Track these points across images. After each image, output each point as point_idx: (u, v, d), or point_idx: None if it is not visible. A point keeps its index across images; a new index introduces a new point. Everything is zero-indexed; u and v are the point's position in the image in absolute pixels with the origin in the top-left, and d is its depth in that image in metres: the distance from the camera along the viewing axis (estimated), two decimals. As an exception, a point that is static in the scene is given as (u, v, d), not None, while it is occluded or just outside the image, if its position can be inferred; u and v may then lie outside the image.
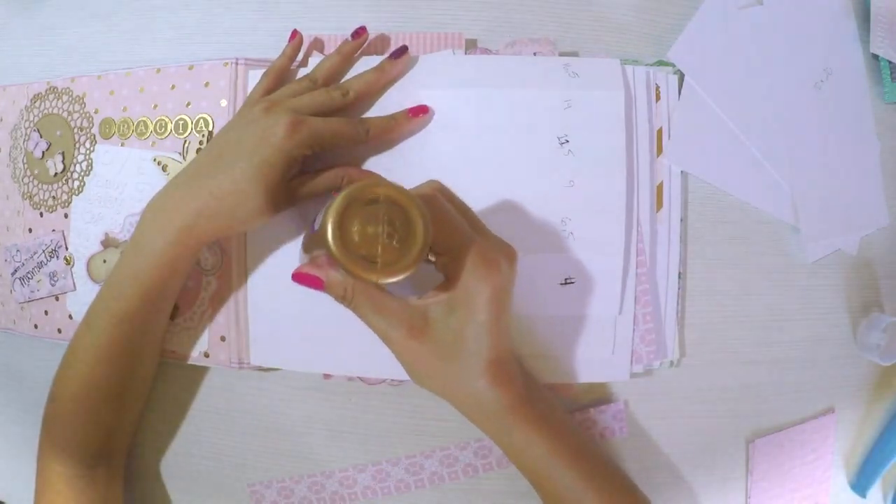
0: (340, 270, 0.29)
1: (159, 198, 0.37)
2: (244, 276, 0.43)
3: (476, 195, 0.40)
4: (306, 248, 0.34)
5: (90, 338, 0.38)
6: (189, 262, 0.38)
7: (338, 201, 0.26)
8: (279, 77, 0.41)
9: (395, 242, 0.27)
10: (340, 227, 0.26)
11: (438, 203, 0.31)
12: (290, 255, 0.42)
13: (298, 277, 0.32)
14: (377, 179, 0.27)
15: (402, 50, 0.40)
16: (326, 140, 0.37)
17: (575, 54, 0.44)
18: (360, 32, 0.41)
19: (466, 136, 0.41)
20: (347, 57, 0.41)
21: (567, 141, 0.40)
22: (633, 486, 0.38)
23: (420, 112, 0.40)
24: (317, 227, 0.28)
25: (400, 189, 0.27)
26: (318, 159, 0.39)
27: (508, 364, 0.33)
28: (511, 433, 0.33)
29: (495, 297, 0.30)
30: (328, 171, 0.39)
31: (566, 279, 0.40)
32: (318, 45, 0.44)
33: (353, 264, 0.26)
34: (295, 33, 0.42)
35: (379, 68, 0.40)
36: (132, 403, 0.42)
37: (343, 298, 0.31)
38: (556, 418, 0.34)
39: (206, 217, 0.36)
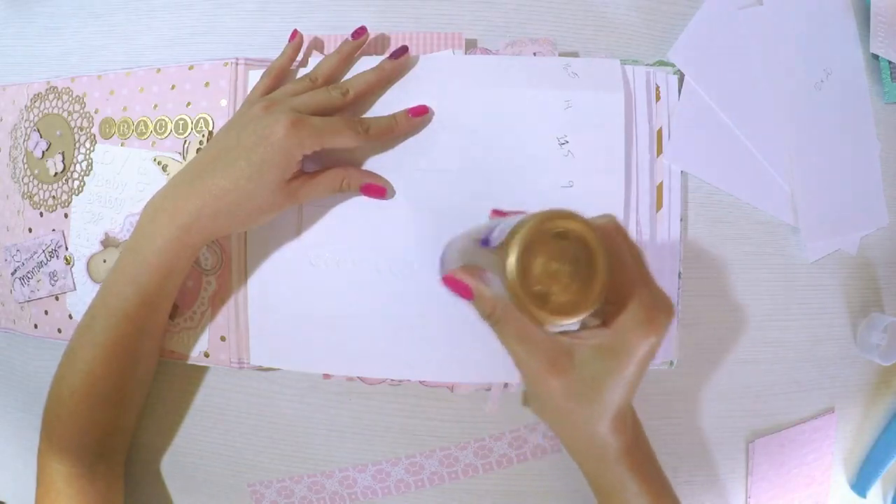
0: (493, 287, 0.27)
1: (159, 197, 0.37)
2: (244, 276, 0.43)
3: (475, 195, 0.41)
4: (465, 253, 0.31)
5: (89, 337, 0.38)
6: (188, 261, 0.38)
7: (529, 228, 0.24)
8: (279, 77, 0.41)
9: (574, 284, 0.25)
10: (524, 260, 0.24)
11: (615, 242, 0.29)
12: (290, 255, 0.42)
13: (449, 282, 0.30)
14: (568, 212, 0.25)
15: (403, 50, 0.40)
16: (326, 139, 0.37)
17: (575, 54, 0.44)
18: (360, 32, 0.41)
19: (466, 136, 0.41)
20: (347, 57, 0.41)
21: (567, 142, 0.40)
22: None
23: (420, 112, 0.40)
24: (492, 242, 0.26)
25: (591, 228, 0.25)
26: (317, 159, 0.39)
27: (628, 412, 0.32)
28: (608, 475, 0.32)
29: (649, 354, 0.29)
30: (328, 171, 0.39)
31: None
32: (318, 44, 0.44)
33: (528, 299, 0.24)
34: (295, 33, 0.42)
35: (379, 68, 0.40)
36: (132, 402, 0.42)
37: (489, 317, 0.29)
38: (652, 464, 0.34)
39: (206, 216, 0.36)
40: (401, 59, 0.40)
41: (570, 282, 0.24)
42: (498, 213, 0.35)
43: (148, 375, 0.43)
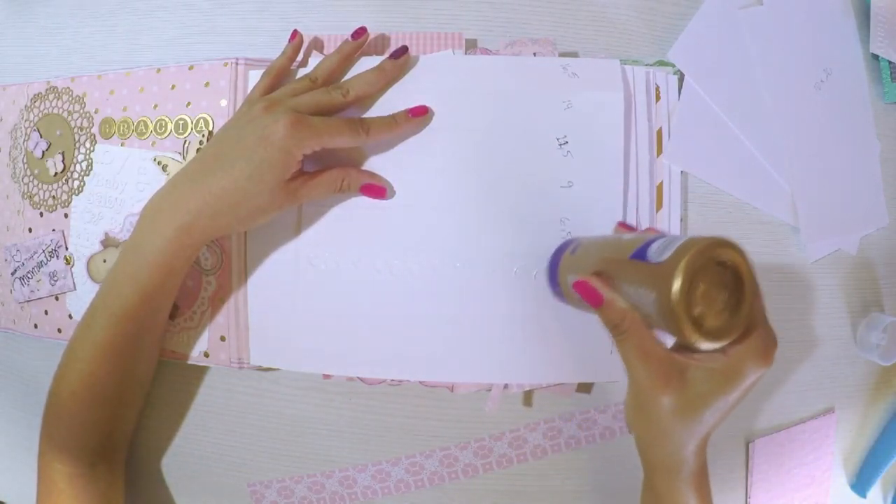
0: (626, 299, 0.29)
1: (159, 197, 0.37)
2: (244, 276, 0.43)
3: (475, 196, 0.41)
4: (608, 263, 0.32)
5: (89, 337, 0.38)
6: (188, 261, 0.38)
7: (699, 252, 0.25)
8: (279, 76, 0.41)
9: (725, 311, 0.26)
10: (691, 279, 0.25)
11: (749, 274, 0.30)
12: (290, 254, 0.42)
13: (582, 286, 0.31)
14: (733, 242, 0.26)
15: (402, 50, 0.40)
16: (326, 139, 0.37)
17: (575, 54, 0.44)
18: (360, 32, 0.41)
19: (466, 136, 0.41)
20: (347, 57, 0.41)
21: (566, 142, 0.40)
22: None
23: (420, 112, 0.40)
24: (650, 257, 0.27)
25: (748, 260, 0.26)
26: (318, 159, 0.39)
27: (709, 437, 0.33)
28: (677, 494, 0.33)
29: (754, 384, 0.30)
30: (328, 171, 0.39)
31: (566, 279, 0.40)
32: (318, 44, 0.44)
33: (686, 319, 0.25)
34: (295, 33, 0.42)
35: (379, 68, 0.40)
36: (132, 402, 0.42)
37: (615, 328, 0.30)
38: (709, 489, 0.35)
39: (206, 216, 0.36)
40: (401, 59, 0.40)
41: (722, 308, 0.26)
42: (624, 226, 0.36)
43: (148, 375, 0.43)
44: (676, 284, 0.25)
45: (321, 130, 0.36)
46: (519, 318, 0.41)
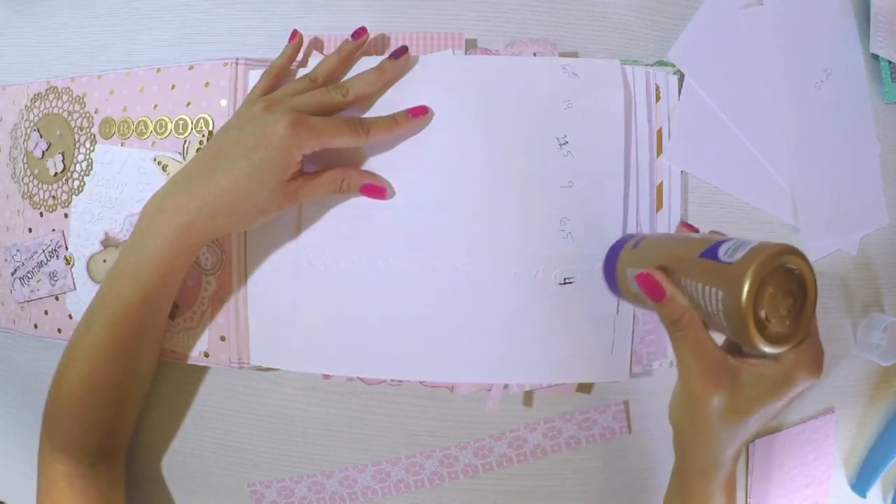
0: (687, 296, 0.29)
1: (158, 197, 0.37)
2: (244, 276, 0.43)
3: (475, 196, 0.41)
4: (674, 259, 0.32)
5: (89, 336, 0.38)
6: (188, 261, 0.38)
7: (767, 258, 0.25)
8: (279, 76, 0.41)
9: (789, 317, 0.27)
10: (761, 281, 0.26)
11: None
12: (290, 254, 0.42)
13: (645, 279, 0.31)
14: (800, 251, 0.27)
15: (402, 50, 0.40)
16: (326, 139, 0.37)
17: (575, 54, 0.44)
18: (360, 33, 0.41)
19: (466, 136, 0.41)
20: (347, 57, 0.41)
21: (566, 142, 0.40)
22: None
23: (420, 113, 0.40)
24: (721, 257, 0.27)
25: (811, 267, 0.27)
26: (318, 159, 0.39)
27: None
28: (708, 496, 0.34)
29: (801, 393, 0.30)
30: (328, 171, 0.39)
31: (565, 279, 0.40)
32: (317, 44, 0.44)
33: (752, 325, 0.26)
34: (295, 33, 0.42)
35: (379, 68, 0.40)
36: (131, 402, 0.42)
37: (674, 323, 0.30)
38: (734, 490, 0.35)
39: (206, 216, 0.36)
40: (401, 59, 0.40)
41: (785, 315, 0.27)
42: (687, 226, 0.36)
43: (148, 375, 0.43)
44: (747, 285, 0.25)
45: (321, 130, 0.36)
46: (519, 319, 0.41)
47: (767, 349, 0.26)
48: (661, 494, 0.44)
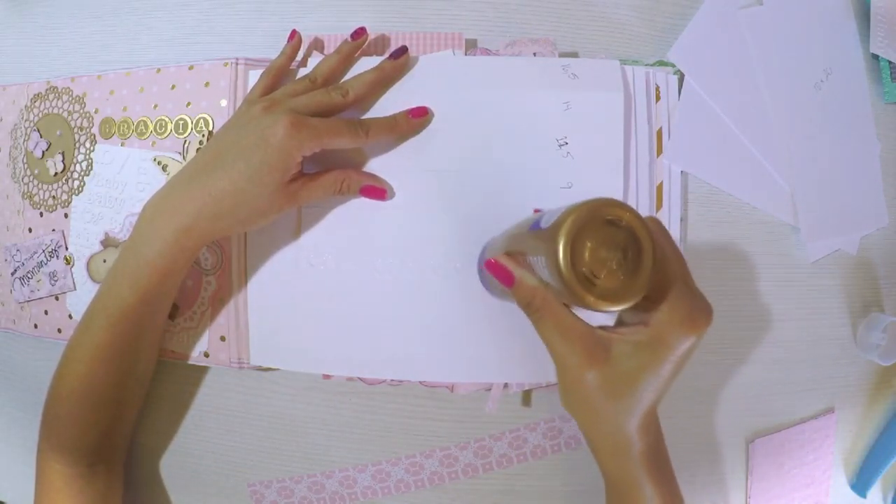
0: (537, 276, 0.28)
1: (157, 198, 0.37)
2: (244, 276, 0.43)
3: (474, 197, 0.41)
4: (510, 240, 0.32)
5: (88, 337, 0.38)
6: (188, 262, 0.38)
7: (582, 211, 0.25)
8: (278, 76, 0.41)
9: (620, 272, 0.25)
10: (574, 241, 0.24)
11: (657, 241, 0.29)
12: (290, 255, 0.42)
13: (492, 266, 0.30)
14: (621, 202, 0.25)
15: (402, 50, 0.40)
16: (326, 140, 0.37)
17: (575, 54, 0.44)
18: (359, 33, 0.41)
19: (466, 137, 0.41)
20: (347, 57, 0.41)
21: (566, 143, 0.40)
22: None
23: (420, 114, 0.40)
24: (543, 225, 0.26)
25: (641, 219, 0.25)
26: (317, 160, 0.39)
27: (654, 415, 0.32)
28: (624, 474, 0.33)
29: (687, 354, 0.29)
30: (328, 173, 0.39)
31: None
32: (317, 45, 0.44)
33: (575, 280, 0.24)
34: (294, 33, 0.42)
35: (379, 69, 0.40)
36: (130, 403, 0.42)
37: (528, 305, 0.29)
38: (668, 471, 0.34)
39: (205, 218, 0.36)
40: (401, 60, 0.40)
41: (616, 270, 0.25)
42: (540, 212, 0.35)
43: (147, 375, 0.43)
44: (560, 243, 0.24)
45: (321, 131, 0.36)
46: (519, 318, 0.41)
47: (606, 307, 0.25)
48: (661, 494, 0.44)
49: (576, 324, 0.29)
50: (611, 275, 0.25)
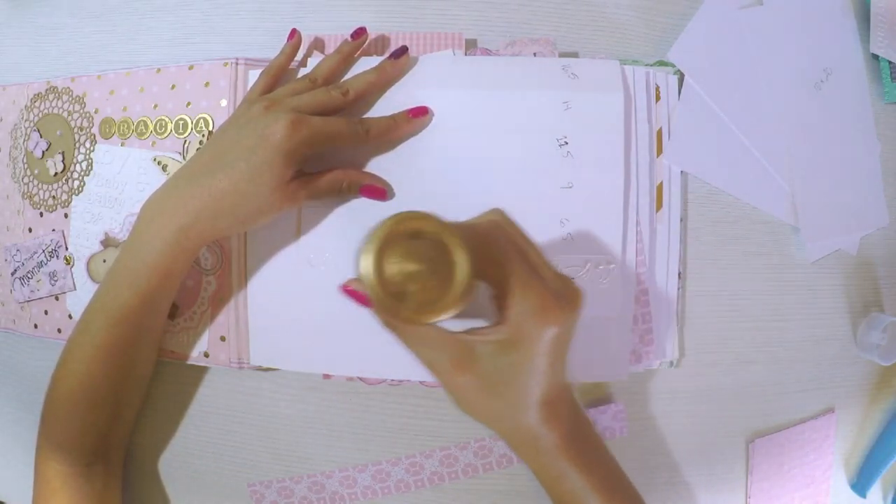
0: None
1: (157, 198, 0.37)
2: (244, 276, 0.43)
3: (474, 197, 0.40)
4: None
5: (87, 337, 0.38)
6: (187, 262, 0.38)
7: (380, 230, 0.25)
8: (278, 76, 0.41)
9: (432, 282, 0.25)
10: (379, 259, 0.25)
11: (496, 238, 0.29)
12: (290, 255, 0.42)
13: (348, 292, 0.30)
14: (421, 213, 0.25)
15: (402, 50, 0.40)
16: (326, 140, 0.37)
17: (575, 54, 0.44)
18: (359, 33, 0.41)
19: (466, 137, 0.41)
20: (347, 57, 0.41)
21: (566, 143, 0.40)
22: None
23: (420, 113, 0.40)
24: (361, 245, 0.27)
25: (445, 227, 0.25)
26: (318, 160, 0.39)
27: (559, 402, 0.32)
28: (549, 467, 0.33)
29: (554, 344, 0.29)
30: (328, 173, 0.39)
31: (566, 279, 0.40)
32: (318, 44, 0.44)
33: (385, 301, 0.25)
34: (294, 32, 0.42)
35: (379, 68, 0.40)
36: (129, 403, 0.42)
37: (388, 324, 0.30)
38: (597, 455, 0.33)
39: (205, 218, 0.36)
40: (401, 60, 0.40)
41: (427, 280, 0.25)
42: None
43: (146, 376, 0.43)
44: (365, 267, 0.24)
45: (321, 131, 0.36)
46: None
47: (426, 320, 0.25)
48: (661, 494, 0.44)
49: (438, 333, 0.29)
50: (423, 287, 0.25)
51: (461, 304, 0.25)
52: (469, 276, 0.25)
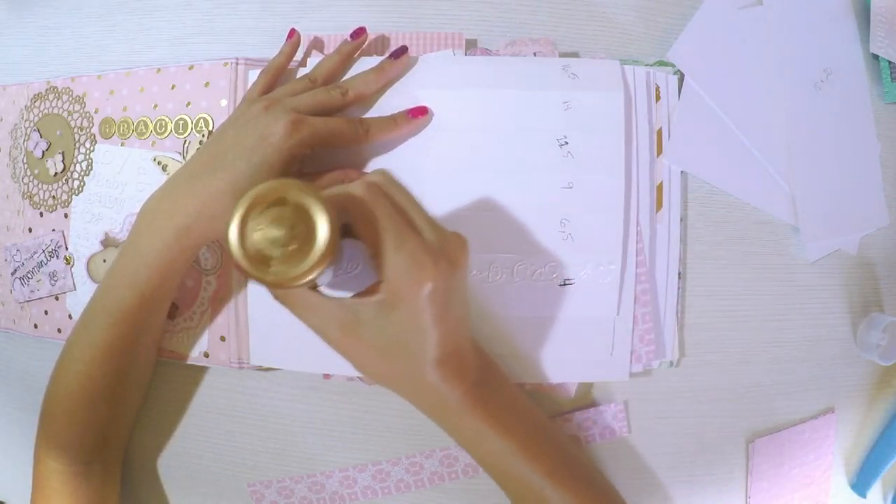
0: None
1: (157, 198, 0.37)
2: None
3: (475, 196, 0.41)
4: None
5: (86, 337, 0.38)
6: (187, 262, 0.38)
7: (242, 201, 0.26)
8: (277, 75, 0.41)
9: (293, 246, 0.26)
10: (243, 228, 0.26)
11: (373, 199, 0.30)
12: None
13: (238, 267, 0.31)
14: (287, 181, 0.26)
15: (402, 50, 0.40)
16: (326, 139, 0.36)
17: (575, 54, 0.44)
18: (359, 33, 0.41)
19: (466, 136, 0.41)
20: (347, 57, 0.41)
21: (566, 142, 0.40)
22: (600, 481, 0.37)
23: (420, 113, 0.40)
24: None
25: (307, 191, 0.26)
26: (317, 160, 0.39)
27: (459, 358, 0.32)
28: (462, 427, 0.33)
29: (431, 298, 0.29)
30: (327, 174, 0.39)
31: (565, 280, 0.40)
32: (317, 44, 0.44)
33: (249, 267, 0.26)
34: (293, 32, 0.42)
35: (379, 68, 0.40)
36: (128, 403, 0.42)
37: (275, 297, 0.31)
38: (514, 411, 0.33)
39: (205, 218, 0.36)
40: (401, 59, 0.40)
41: (289, 244, 0.26)
42: None
43: (145, 376, 0.43)
44: (228, 234, 0.26)
45: (321, 130, 0.36)
46: (519, 320, 0.41)
47: (291, 284, 0.26)
48: (661, 494, 0.44)
49: (318, 299, 0.30)
50: (287, 252, 0.26)
51: (322, 266, 0.26)
52: (329, 239, 0.26)
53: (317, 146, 0.36)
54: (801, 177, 0.44)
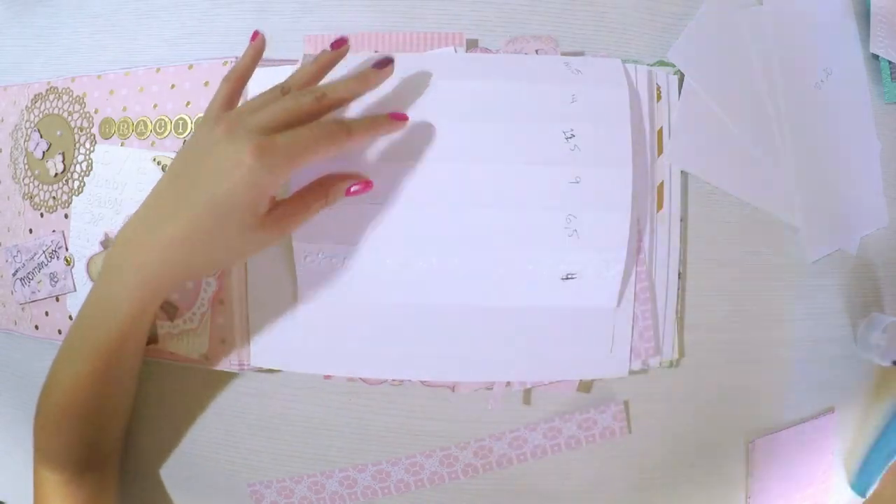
0: None
1: (120, 243, 0.35)
2: (244, 276, 0.43)
3: (478, 192, 0.40)
4: None
5: (69, 364, 0.37)
6: (162, 299, 0.37)
7: None
8: (240, 82, 0.37)
9: None
10: None
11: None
12: (289, 255, 0.42)
13: None
14: None
15: (387, 61, 0.38)
16: (302, 158, 0.33)
17: (579, 54, 0.44)
18: (339, 43, 0.38)
19: (468, 132, 0.41)
20: (324, 67, 0.38)
21: (573, 136, 0.40)
22: None
23: (401, 118, 0.38)
24: None
25: None
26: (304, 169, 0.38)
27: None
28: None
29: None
30: (307, 190, 0.36)
31: (568, 274, 0.40)
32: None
33: None
34: (256, 34, 0.38)
35: (362, 77, 0.37)
36: (116, 417, 0.42)
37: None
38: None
39: (173, 264, 0.34)
40: (385, 70, 0.38)
41: None
42: None
43: (131, 389, 0.42)
44: None
45: (292, 151, 0.32)
46: (521, 315, 0.41)
47: None
48: (661, 494, 0.44)
49: None
50: None
51: None
52: None
53: (293, 165, 0.33)
54: (802, 177, 0.44)
